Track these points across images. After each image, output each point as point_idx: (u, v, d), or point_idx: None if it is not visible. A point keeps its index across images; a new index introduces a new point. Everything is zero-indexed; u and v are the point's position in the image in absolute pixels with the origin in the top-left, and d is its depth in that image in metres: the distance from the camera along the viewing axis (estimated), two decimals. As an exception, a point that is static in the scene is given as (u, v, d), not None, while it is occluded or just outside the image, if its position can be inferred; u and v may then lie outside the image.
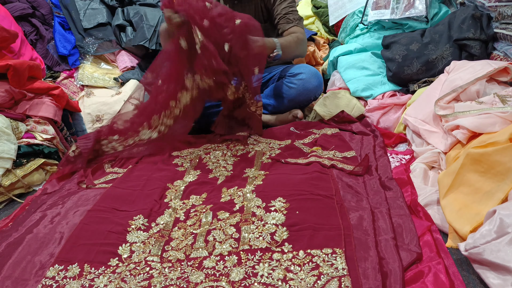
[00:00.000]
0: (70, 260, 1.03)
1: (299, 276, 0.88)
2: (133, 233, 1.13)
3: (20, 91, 1.71)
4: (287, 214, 1.08)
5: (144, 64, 2.65)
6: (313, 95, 1.92)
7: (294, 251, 0.95)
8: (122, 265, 1.01)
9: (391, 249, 0.93)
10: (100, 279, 0.97)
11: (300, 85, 1.87)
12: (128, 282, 0.95)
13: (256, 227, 1.06)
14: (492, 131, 1.09)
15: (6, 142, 1.54)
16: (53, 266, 1.01)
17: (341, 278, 0.85)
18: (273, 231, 1.03)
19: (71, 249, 1.07)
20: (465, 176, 1.01)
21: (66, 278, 0.98)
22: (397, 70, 1.73)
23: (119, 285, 0.94)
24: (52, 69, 2.51)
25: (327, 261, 0.90)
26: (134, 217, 1.19)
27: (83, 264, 1.02)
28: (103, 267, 1.01)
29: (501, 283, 0.80)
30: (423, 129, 1.38)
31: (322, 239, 0.97)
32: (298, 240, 0.99)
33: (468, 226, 0.93)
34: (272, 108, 1.97)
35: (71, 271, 1.00)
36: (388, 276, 0.86)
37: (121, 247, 1.07)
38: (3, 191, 1.53)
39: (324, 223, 1.02)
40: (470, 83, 1.29)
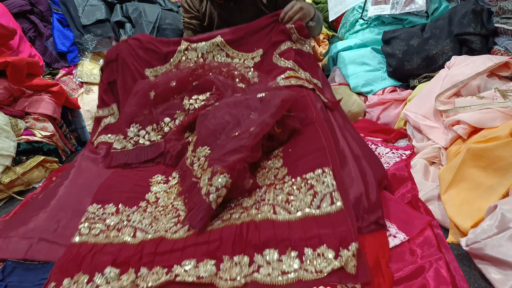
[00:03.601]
0: (106, 201, 1.19)
1: (298, 197, 1.02)
2: (155, 185, 1.28)
3: (19, 88, 1.70)
4: (283, 156, 1.20)
5: (143, 60, 2.65)
6: None
7: (293, 179, 1.09)
8: (151, 207, 1.18)
9: (364, 164, 1.15)
10: (135, 215, 1.13)
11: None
12: (160, 219, 1.11)
13: (262, 174, 1.17)
14: (493, 126, 1.08)
15: (5, 139, 1.53)
16: (91, 205, 1.17)
17: (331, 193, 0.99)
18: (276, 173, 1.15)
19: (104, 193, 1.23)
20: (466, 171, 1.01)
21: (105, 213, 1.15)
22: (397, 65, 1.73)
23: (153, 221, 1.11)
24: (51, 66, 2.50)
25: (319, 180, 1.04)
26: (152, 176, 1.33)
27: (117, 204, 1.18)
28: (135, 207, 1.18)
29: (502, 278, 0.80)
30: (423, 124, 1.37)
31: (312, 162, 1.10)
32: (295, 170, 1.12)
33: (469, 221, 0.93)
34: None
35: (108, 209, 1.16)
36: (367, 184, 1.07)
37: (148, 194, 1.24)
38: (2, 188, 1.52)
39: (311, 148, 1.15)
40: (471, 78, 1.29)
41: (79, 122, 2.07)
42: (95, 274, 0.95)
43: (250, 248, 0.93)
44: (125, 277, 0.93)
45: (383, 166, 1.21)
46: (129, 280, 0.92)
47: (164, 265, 0.94)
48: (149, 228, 1.08)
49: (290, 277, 0.85)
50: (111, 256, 0.98)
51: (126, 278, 0.92)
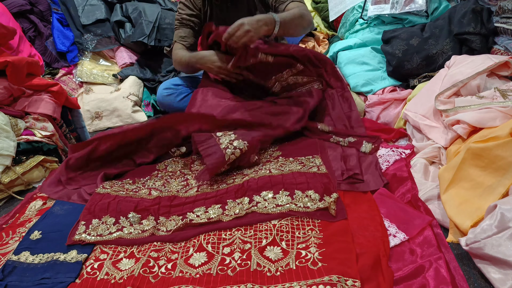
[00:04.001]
0: (122, 176, 1.45)
1: (288, 166, 1.29)
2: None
3: (19, 88, 1.70)
4: (280, 147, 1.50)
5: (143, 60, 2.65)
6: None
7: (286, 158, 1.38)
8: (161, 173, 1.43)
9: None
10: (149, 181, 1.37)
11: None
12: (171, 182, 1.35)
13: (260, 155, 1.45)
14: (492, 126, 1.08)
15: (5, 139, 1.53)
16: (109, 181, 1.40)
17: (319, 166, 1.27)
18: (271, 154, 1.45)
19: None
20: (466, 171, 1.01)
21: (123, 183, 1.37)
22: (397, 65, 1.73)
23: (165, 183, 1.34)
24: (51, 65, 2.51)
25: (308, 160, 1.33)
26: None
27: (134, 178, 1.41)
28: (148, 176, 1.42)
29: (502, 277, 0.80)
30: (423, 124, 1.38)
31: (304, 151, 1.41)
32: (288, 154, 1.41)
33: (469, 221, 0.93)
34: None
35: (126, 182, 1.39)
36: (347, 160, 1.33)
37: (157, 165, 1.49)
38: (2, 188, 1.52)
39: (304, 142, 1.49)
40: (471, 78, 1.29)
41: (79, 122, 2.06)
42: (120, 217, 1.17)
43: (250, 192, 1.18)
44: (146, 222, 1.15)
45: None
46: (150, 225, 1.13)
47: (179, 214, 1.16)
48: (162, 188, 1.31)
49: (283, 208, 1.09)
50: (133, 204, 1.20)
51: (147, 224, 1.14)
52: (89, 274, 1.00)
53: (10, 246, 1.15)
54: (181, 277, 0.94)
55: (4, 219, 1.35)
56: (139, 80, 2.53)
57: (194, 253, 1.01)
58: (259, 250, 0.98)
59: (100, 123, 2.40)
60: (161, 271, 0.98)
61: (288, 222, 1.06)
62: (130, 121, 2.39)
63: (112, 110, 2.38)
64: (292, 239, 1.00)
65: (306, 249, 0.96)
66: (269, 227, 1.05)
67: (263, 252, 0.97)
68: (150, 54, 2.69)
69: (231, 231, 1.07)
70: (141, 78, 2.55)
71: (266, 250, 0.98)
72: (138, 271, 0.98)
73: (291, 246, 0.98)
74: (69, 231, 1.15)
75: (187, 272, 0.95)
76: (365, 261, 0.89)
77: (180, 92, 1.90)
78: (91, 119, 2.39)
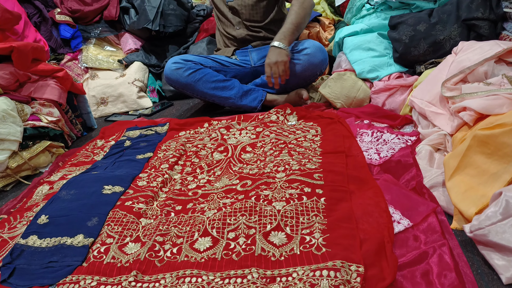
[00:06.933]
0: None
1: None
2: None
3: (25, 73, 1.71)
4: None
5: (148, 46, 2.64)
6: (318, 70, 1.92)
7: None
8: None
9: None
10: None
11: (306, 60, 1.87)
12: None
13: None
14: (499, 113, 1.07)
15: (12, 124, 1.54)
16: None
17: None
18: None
19: None
20: (472, 158, 1.01)
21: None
22: (403, 51, 1.71)
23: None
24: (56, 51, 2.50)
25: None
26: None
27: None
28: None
29: (505, 264, 0.80)
30: (429, 111, 1.37)
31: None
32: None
33: (473, 208, 0.93)
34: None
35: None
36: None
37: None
38: (10, 173, 1.54)
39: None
40: (478, 64, 1.27)
41: (84, 108, 2.07)
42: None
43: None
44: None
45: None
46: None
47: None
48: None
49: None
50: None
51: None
52: (95, 258, 1.01)
53: (18, 230, 1.17)
54: (186, 261, 0.96)
55: (12, 204, 1.37)
56: (144, 66, 2.53)
57: (199, 237, 1.02)
58: (263, 235, 0.99)
59: (106, 109, 2.40)
60: (167, 255, 0.99)
61: (292, 208, 1.07)
62: (136, 106, 2.39)
63: (118, 95, 2.39)
64: (296, 225, 1.01)
65: (310, 235, 0.97)
66: (273, 213, 1.06)
67: (268, 237, 0.98)
68: (155, 40, 2.67)
69: (235, 216, 1.08)
70: (146, 64, 2.54)
71: (270, 235, 0.99)
72: (144, 255, 0.99)
73: (295, 231, 0.99)
74: (75, 216, 1.16)
75: (192, 257, 0.97)
76: (369, 247, 0.89)
77: (188, 67, 1.90)
78: (97, 104, 2.40)
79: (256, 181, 1.23)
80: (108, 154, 1.62)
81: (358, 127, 1.55)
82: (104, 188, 1.29)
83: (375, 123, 1.57)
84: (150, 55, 2.59)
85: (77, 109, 2.01)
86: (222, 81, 1.93)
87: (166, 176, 1.36)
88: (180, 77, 1.91)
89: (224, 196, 1.20)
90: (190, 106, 2.30)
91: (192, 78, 1.90)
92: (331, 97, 1.83)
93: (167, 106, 2.36)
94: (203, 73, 1.91)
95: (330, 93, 1.83)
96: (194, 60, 1.94)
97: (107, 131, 1.89)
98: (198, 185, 1.30)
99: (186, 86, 1.93)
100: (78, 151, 1.73)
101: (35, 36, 2.17)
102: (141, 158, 1.54)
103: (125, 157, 1.57)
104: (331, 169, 1.23)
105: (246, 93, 1.94)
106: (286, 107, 1.74)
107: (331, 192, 1.11)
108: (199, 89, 1.93)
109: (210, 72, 1.92)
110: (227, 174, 1.34)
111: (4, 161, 1.51)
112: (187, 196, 1.24)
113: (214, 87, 1.92)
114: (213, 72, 1.94)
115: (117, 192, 1.28)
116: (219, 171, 1.37)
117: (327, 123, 1.59)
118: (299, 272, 0.85)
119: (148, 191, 1.28)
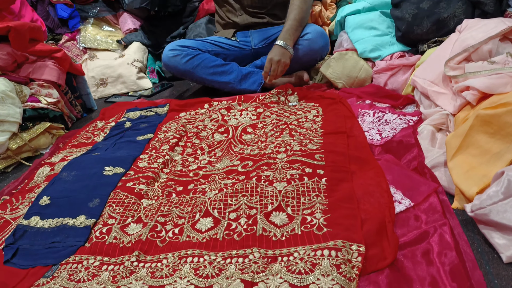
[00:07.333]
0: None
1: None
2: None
3: (22, 54, 1.69)
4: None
5: (147, 26, 2.60)
6: (319, 55, 1.90)
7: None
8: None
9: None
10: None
11: (306, 45, 1.84)
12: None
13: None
14: (503, 92, 1.06)
15: (11, 105, 1.53)
16: None
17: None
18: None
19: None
20: (474, 137, 1.00)
21: None
22: (406, 29, 1.68)
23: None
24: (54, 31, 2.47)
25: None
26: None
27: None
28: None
29: (506, 243, 0.80)
30: (431, 90, 1.35)
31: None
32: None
33: (475, 187, 0.92)
34: None
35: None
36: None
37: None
38: (11, 154, 1.54)
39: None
40: (483, 42, 1.25)
41: (84, 89, 2.06)
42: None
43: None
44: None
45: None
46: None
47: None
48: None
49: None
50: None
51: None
52: (98, 238, 1.02)
53: (20, 211, 1.18)
54: (188, 241, 0.96)
55: (14, 185, 1.37)
56: (143, 46, 2.50)
57: (200, 218, 1.03)
58: (264, 216, 0.99)
59: (105, 90, 2.39)
60: (168, 235, 0.99)
61: (293, 188, 1.07)
62: (135, 87, 2.37)
63: (117, 76, 2.36)
64: (297, 205, 1.01)
65: (312, 215, 0.97)
66: (274, 193, 1.06)
67: (269, 217, 0.98)
68: (154, 20, 2.64)
69: (237, 196, 1.08)
70: (145, 44, 2.51)
71: (271, 216, 0.99)
72: (145, 235, 1.00)
73: (296, 211, 0.99)
74: (76, 197, 1.17)
75: (194, 237, 0.97)
76: (370, 227, 0.90)
77: (186, 53, 1.88)
78: (96, 85, 2.38)
79: (257, 162, 1.23)
80: (108, 136, 1.62)
81: (360, 107, 1.54)
82: (105, 169, 1.29)
83: (377, 103, 1.56)
84: (149, 35, 2.55)
85: (76, 90, 2.00)
86: (221, 66, 1.90)
87: (167, 157, 1.36)
88: (178, 64, 1.89)
89: (225, 177, 1.20)
90: (190, 87, 2.28)
91: (190, 64, 1.88)
92: (333, 77, 1.81)
93: (167, 87, 2.34)
94: (201, 59, 1.88)
95: (331, 73, 1.81)
96: (192, 46, 1.91)
97: (107, 112, 1.88)
98: (199, 166, 1.30)
99: (185, 72, 1.91)
100: (78, 132, 1.73)
101: (32, 16, 2.14)
102: (141, 139, 1.54)
103: (125, 138, 1.56)
104: (332, 150, 1.22)
105: (245, 77, 1.92)
106: (287, 87, 1.72)
107: (332, 173, 1.11)
108: (198, 75, 1.90)
109: (208, 57, 1.90)
110: (228, 155, 1.34)
111: (5, 142, 1.50)
112: (188, 177, 1.24)
113: (213, 72, 1.89)
114: (212, 56, 1.91)
115: (118, 173, 1.28)
116: (220, 152, 1.37)
117: (329, 104, 1.58)
118: (300, 251, 0.86)
119: (149, 172, 1.28)
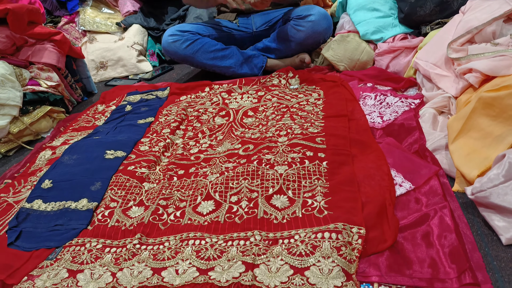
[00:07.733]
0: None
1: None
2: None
3: (21, 37, 1.67)
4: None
5: (147, 8, 2.57)
6: (322, 38, 1.87)
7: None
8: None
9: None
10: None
11: (309, 27, 1.82)
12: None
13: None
14: (506, 74, 1.05)
15: (11, 89, 1.53)
16: None
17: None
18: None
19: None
20: (476, 120, 1.00)
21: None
22: (409, 11, 1.66)
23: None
24: (53, 14, 2.45)
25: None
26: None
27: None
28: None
29: (506, 225, 0.81)
30: (434, 73, 1.34)
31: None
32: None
33: (476, 170, 0.93)
34: (279, 53, 1.93)
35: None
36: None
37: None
38: (12, 138, 1.54)
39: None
40: (486, 24, 1.23)
41: (84, 72, 2.04)
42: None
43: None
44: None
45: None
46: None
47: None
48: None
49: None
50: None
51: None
52: (100, 221, 1.03)
53: (23, 195, 1.18)
54: (190, 224, 0.97)
55: (16, 168, 1.38)
56: (143, 29, 2.47)
57: (202, 201, 1.03)
58: (266, 199, 1.00)
59: (106, 73, 2.37)
60: (170, 218, 1.00)
61: (294, 172, 1.07)
62: (135, 71, 2.36)
63: (117, 59, 2.35)
64: (298, 188, 1.01)
65: (312, 198, 0.97)
66: (275, 176, 1.06)
67: (270, 200, 0.99)
68: (153, 2, 2.60)
69: (238, 180, 1.08)
70: (145, 27, 2.49)
71: (272, 199, 0.99)
72: (147, 218, 1.01)
73: (297, 194, 0.99)
74: (78, 180, 1.17)
75: (195, 220, 0.98)
76: (371, 210, 0.90)
77: (186, 38, 1.86)
78: (96, 69, 2.36)
79: (258, 146, 1.23)
80: (109, 119, 1.62)
81: (361, 90, 1.53)
82: (107, 153, 1.29)
83: (379, 86, 1.55)
84: (149, 18, 2.52)
85: (76, 74, 1.99)
86: (221, 50, 1.88)
87: (168, 140, 1.36)
88: (178, 49, 1.86)
89: (226, 161, 1.20)
90: (191, 70, 2.27)
91: (190, 50, 1.86)
92: (334, 59, 1.79)
93: (167, 70, 2.33)
94: (201, 43, 1.86)
95: (333, 55, 1.80)
96: (192, 30, 1.88)
97: (107, 95, 1.87)
98: (200, 149, 1.30)
99: (185, 58, 1.89)
100: (79, 116, 1.73)
101: (30, -2, 2.12)
102: (142, 122, 1.53)
103: (126, 122, 1.56)
104: (333, 133, 1.22)
105: (246, 60, 1.91)
106: (288, 70, 1.71)
107: (333, 156, 1.11)
108: (198, 60, 1.88)
109: (208, 42, 1.87)
110: (229, 138, 1.34)
111: (5, 126, 1.50)
112: (190, 161, 1.24)
113: (213, 57, 1.87)
114: (212, 41, 1.89)
115: (120, 157, 1.28)
116: (221, 135, 1.37)
117: (330, 87, 1.57)
118: (301, 234, 0.86)
119: (150, 155, 1.28)
